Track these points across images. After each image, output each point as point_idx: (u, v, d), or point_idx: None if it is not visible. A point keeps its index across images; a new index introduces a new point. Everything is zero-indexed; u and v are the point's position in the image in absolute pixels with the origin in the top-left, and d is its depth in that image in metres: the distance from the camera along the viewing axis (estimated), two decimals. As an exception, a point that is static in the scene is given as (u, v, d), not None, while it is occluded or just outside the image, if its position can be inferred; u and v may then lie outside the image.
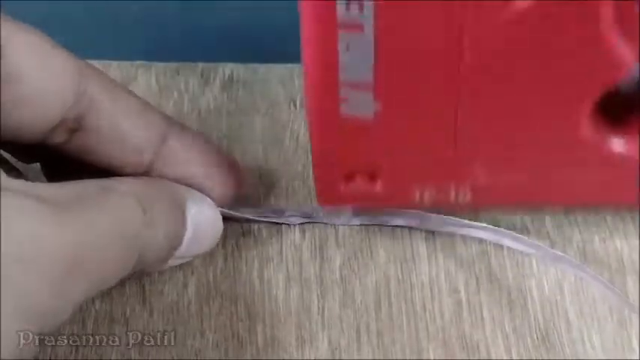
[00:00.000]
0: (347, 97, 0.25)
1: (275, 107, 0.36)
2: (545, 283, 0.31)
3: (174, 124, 0.30)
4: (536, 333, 0.30)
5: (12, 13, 0.36)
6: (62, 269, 0.23)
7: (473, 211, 0.32)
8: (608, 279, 0.31)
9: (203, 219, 0.29)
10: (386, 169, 0.29)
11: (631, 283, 0.31)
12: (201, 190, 0.30)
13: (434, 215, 0.32)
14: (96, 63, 0.36)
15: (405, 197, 0.30)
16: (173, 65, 0.37)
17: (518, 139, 0.28)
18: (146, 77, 0.37)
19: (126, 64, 0.37)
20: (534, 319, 0.31)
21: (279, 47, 0.38)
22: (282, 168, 0.35)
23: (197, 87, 0.37)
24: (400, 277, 0.32)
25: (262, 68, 0.38)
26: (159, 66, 0.37)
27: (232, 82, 0.37)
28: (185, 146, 0.30)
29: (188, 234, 0.29)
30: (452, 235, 0.32)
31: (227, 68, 0.37)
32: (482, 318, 0.31)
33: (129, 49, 0.37)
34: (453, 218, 0.32)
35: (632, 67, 0.25)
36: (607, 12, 0.23)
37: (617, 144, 0.28)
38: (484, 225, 0.32)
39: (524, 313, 0.31)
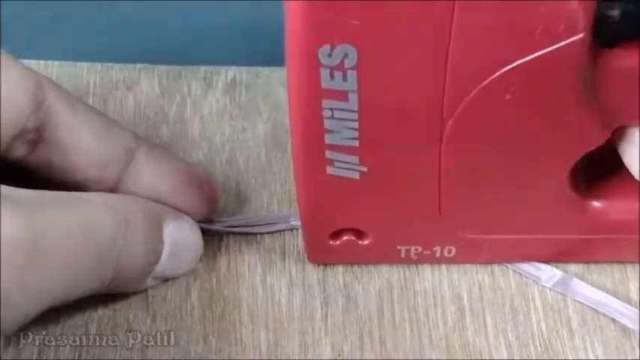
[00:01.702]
0: (333, 159, 0.26)
1: (278, 110, 0.36)
2: (548, 291, 0.31)
3: (143, 141, 0.30)
4: (539, 341, 0.30)
5: (15, 15, 0.36)
6: (19, 256, 0.23)
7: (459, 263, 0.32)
8: (612, 289, 0.31)
9: (181, 235, 0.30)
10: (372, 228, 0.30)
11: (634, 291, 0.31)
12: (173, 207, 0.30)
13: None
14: (98, 65, 0.37)
15: (391, 254, 0.31)
16: (176, 68, 0.37)
17: (501, 203, 0.28)
18: (148, 80, 0.37)
19: (128, 66, 0.37)
20: (537, 327, 0.31)
21: (281, 50, 0.38)
22: (286, 172, 0.34)
23: (200, 90, 0.37)
24: (403, 283, 0.32)
25: (265, 71, 0.37)
26: (161, 69, 0.37)
27: (235, 85, 0.37)
28: (154, 163, 0.30)
29: (166, 249, 0.29)
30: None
31: (230, 71, 0.37)
32: (485, 325, 0.31)
33: (131, 52, 0.37)
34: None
35: (604, 138, 0.25)
36: (583, 80, 0.23)
37: (599, 207, 0.29)
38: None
39: (527, 321, 0.31)
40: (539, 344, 0.30)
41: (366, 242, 0.30)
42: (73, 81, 0.36)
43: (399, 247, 0.31)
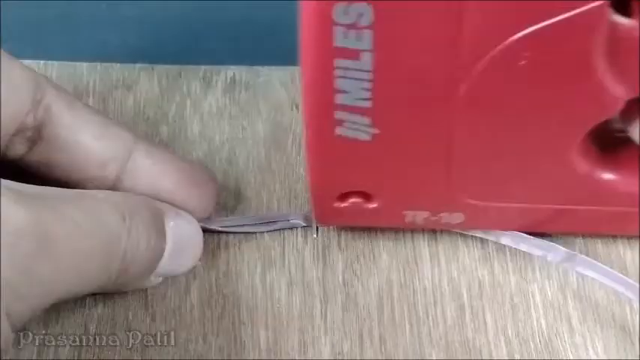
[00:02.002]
0: (344, 119, 0.26)
1: (277, 110, 0.36)
2: (548, 288, 0.31)
3: (142, 139, 0.30)
4: (539, 338, 0.30)
5: (13, 14, 0.36)
6: (28, 246, 0.23)
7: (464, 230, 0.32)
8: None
9: (182, 232, 0.30)
10: (380, 191, 0.29)
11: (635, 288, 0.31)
12: (172, 205, 0.30)
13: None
14: (98, 65, 0.37)
15: (398, 218, 0.31)
16: (175, 68, 0.37)
17: (511, 171, 0.28)
18: (148, 80, 0.37)
19: (128, 66, 0.37)
20: (537, 324, 0.31)
21: (281, 49, 0.38)
22: (285, 171, 0.34)
23: (199, 90, 0.37)
24: (403, 281, 0.32)
25: (264, 71, 0.37)
26: (161, 68, 0.37)
27: (234, 84, 0.37)
28: (153, 162, 0.30)
29: (169, 246, 0.29)
30: (454, 237, 0.32)
31: (229, 71, 0.37)
32: (484, 323, 0.31)
33: (131, 52, 0.37)
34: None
35: (617, 108, 0.25)
36: (598, 49, 0.23)
37: (610, 178, 0.28)
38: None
39: (527, 318, 0.31)
40: (539, 341, 0.30)
41: (373, 205, 0.30)
42: (72, 81, 0.36)
43: (405, 212, 0.30)
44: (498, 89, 0.24)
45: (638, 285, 0.30)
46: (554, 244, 0.31)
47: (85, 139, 0.29)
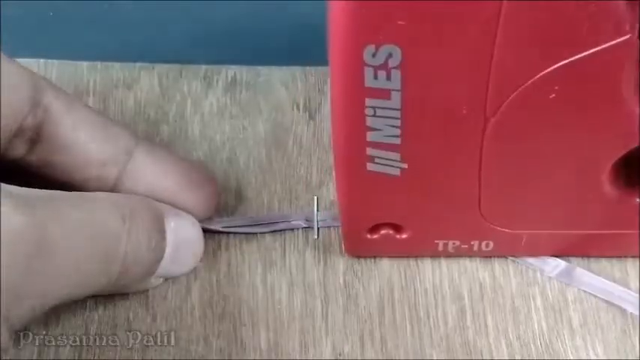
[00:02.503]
0: (374, 156, 0.26)
1: (278, 110, 0.36)
2: (549, 291, 0.31)
3: (142, 139, 0.30)
4: (539, 340, 0.30)
5: (13, 14, 0.36)
6: (28, 248, 0.23)
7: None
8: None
9: (183, 233, 0.30)
10: (410, 223, 0.30)
11: (634, 290, 0.31)
12: (173, 205, 0.30)
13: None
14: (98, 64, 0.37)
15: (429, 248, 0.31)
16: (176, 67, 0.37)
17: (540, 200, 0.28)
18: (149, 79, 0.37)
19: (128, 65, 0.37)
20: (538, 327, 0.31)
21: (282, 49, 0.38)
22: (286, 171, 0.34)
23: (200, 89, 0.37)
24: (404, 283, 0.32)
25: (265, 70, 0.37)
26: (161, 68, 0.37)
27: (235, 84, 0.37)
28: (154, 162, 0.30)
29: (169, 247, 0.29)
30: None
31: (230, 70, 0.37)
32: (485, 325, 0.31)
33: (131, 51, 0.37)
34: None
35: None
36: (628, 80, 0.23)
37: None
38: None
39: (528, 321, 0.31)
40: (540, 344, 0.30)
41: (404, 236, 0.30)
42: (73, 80, 0.36)
43: (436, 241, 0.31)
44: (527, 122, 0.25)
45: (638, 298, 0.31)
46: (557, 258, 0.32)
47: (84, 140, 0.29)
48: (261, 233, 0.33)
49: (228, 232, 0.32)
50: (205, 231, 0.31)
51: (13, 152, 0.28)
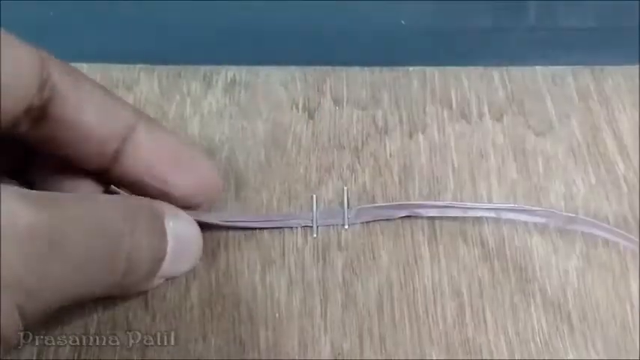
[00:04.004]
0: None
1: (277, 110, 0.36)
2: (549, 287, 0.31)
3: (144, 117, 0.30)
4: (539, 337, 0.30)
5: (13, 15, 0.36)
6: (37, 246, 0.24)
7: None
8: (612, 284, 0.31)
9: (182, 230, 0.30)
10: None
11: (634, 286, 0.31)
12: (170, 187, 0.30)
13: (436, 202, 0.33)
14: (99, 65, 0.37)
15: None
16: (175, 68, 0.37)
17: None
18: (148, 80, 0.37)
19: (128, 66, 0.37)
20: (537, 323, 0.30)
21: (281, 50, 0.38)
22: (285, 171, 0.34)
23: (199, 90, 0.37)
24: (403, 280, 0.32)
25: (264, 71, 0.37)
26: (161, 69, 0.37)
27: (234, 84, 0.37)
28: (154, 139, 0.30)
29: (170, 245, 0.29)
30: (454, 236, 0.32)
31: (229, 71, 0.37)
32: (485, 322, 0.31)
33: (131, 52, 0.37)
34: (457, 203, 0.33)
35: None
36: None
37: None
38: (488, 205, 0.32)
39: (527, 317, 0.31)
40: (540, 340, 0.30)
41: None
42: (72, 81, 0.36)
43: None
44: None
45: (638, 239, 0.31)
46: (553, 210, 0.32)
47: (88, 117, 0.28)
48: (260, 230, 0.33)
49: (227, 227, 0.32)
50: (204, 225, 0.31)
51: (16, 129, 0.28)
